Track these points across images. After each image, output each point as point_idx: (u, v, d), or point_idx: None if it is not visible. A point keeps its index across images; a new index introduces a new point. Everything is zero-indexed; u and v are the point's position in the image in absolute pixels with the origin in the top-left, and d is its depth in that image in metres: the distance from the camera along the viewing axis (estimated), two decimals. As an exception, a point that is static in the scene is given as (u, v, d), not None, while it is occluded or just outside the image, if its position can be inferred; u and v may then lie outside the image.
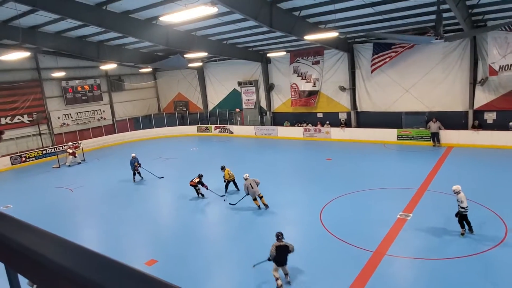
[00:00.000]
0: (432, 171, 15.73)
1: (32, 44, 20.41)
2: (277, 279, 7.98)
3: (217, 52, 23.14)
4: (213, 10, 10.63)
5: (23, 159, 23.64)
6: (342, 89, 24.18)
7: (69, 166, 21.65)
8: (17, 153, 23.72)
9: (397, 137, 21.90)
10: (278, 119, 28.00)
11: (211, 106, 31.88)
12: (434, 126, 20.23)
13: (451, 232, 9.92)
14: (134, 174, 17.78)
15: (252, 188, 12.59)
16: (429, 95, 21.12)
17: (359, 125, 24.19)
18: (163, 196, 16.21)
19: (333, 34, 16.05)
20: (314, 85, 25.13)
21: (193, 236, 11.26)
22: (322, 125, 25.14)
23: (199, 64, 28.74)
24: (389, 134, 22.08)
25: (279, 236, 8.15)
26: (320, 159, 19.76)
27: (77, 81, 27.93)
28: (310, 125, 25.74)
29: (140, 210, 13.92)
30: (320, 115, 25.79)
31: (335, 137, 24.10)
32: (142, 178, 18.00)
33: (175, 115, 32.39)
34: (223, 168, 14.73)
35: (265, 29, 17.47)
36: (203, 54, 21.78)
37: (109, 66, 25.56)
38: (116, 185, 17.55)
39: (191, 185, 14.45)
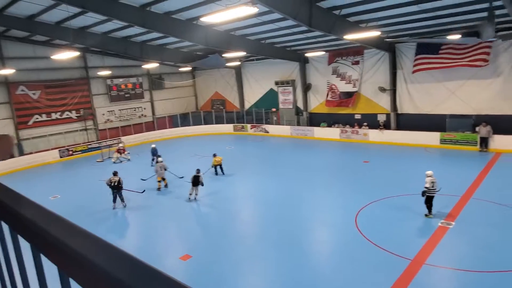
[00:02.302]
0: (478, 178, 14.85)
1: (81, 44, 21.64)
2: (190, 194, 14.18)
3: (255, 52, 23.24)
4: (253, 10, 10.66)
5: (70, 152, 25.12)
6: (382, 90, 23.44)
7: (114, 162, 22.71)
8: (65, 146, 25.25)
9: (440, 141, 20.89)
10: (315, 120, 27.64)
11: (247, 105, 32.10)
12: (484, 130, 19.06)
13: (497, 244, 9.32)
14: (153, 160, 20.08)
15: (161, 170, 15.91)
16: (477, 97, 19.92)
17: (399, 127, 23.34)
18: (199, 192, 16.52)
19: (375, 34, 15.57)
20: (354, 85, 24.55)
21: (227, 232, 11.41)
22: (360, 127, 24.52)
23: (237, 63, 29.02)
24: (431, 138, 21.10)
25: (198, 171, 14.18)
26: (357, 161, 19.29)
27: (121, 80, 29.21)
28: (347, 126, 25.20)
29: (176, 204, 14.31)
30: (358, 117, 25.15)
31: (373, 140, 23.41)
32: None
33: (212, 114, 32.95)
34: (215, 155, 17.83)
35: (304, 28, 17.29)
36: (241, 53, 21.94)
37: (151, 65, 26.50)
38: (155, 179, 18.11)
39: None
